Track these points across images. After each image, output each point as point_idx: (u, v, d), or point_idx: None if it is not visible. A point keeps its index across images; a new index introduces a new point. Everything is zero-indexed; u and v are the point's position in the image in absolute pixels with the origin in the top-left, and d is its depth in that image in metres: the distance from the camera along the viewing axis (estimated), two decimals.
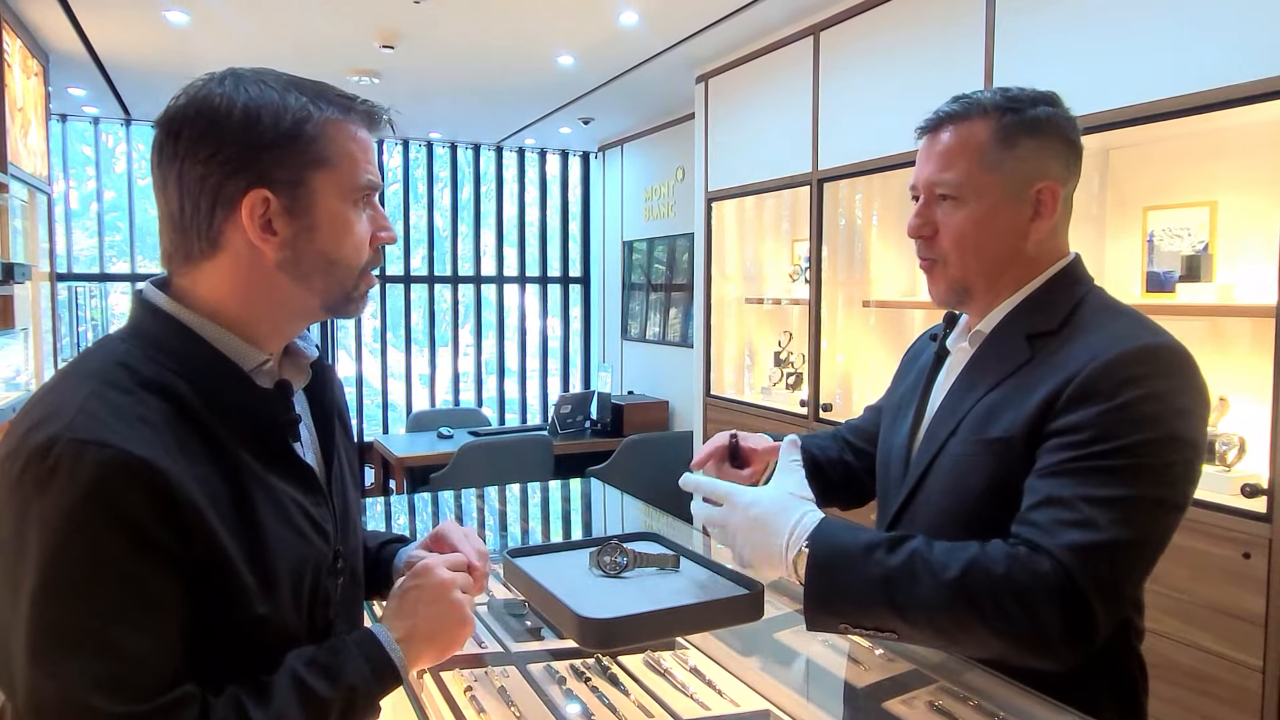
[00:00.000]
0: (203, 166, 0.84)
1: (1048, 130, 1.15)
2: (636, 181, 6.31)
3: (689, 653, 1.52)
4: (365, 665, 0.89)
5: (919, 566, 0.99)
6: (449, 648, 0.97)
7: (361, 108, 0.92)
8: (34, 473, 0.75)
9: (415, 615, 0.95)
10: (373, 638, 0.92)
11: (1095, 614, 0.94)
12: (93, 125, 5.64)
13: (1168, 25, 2.31)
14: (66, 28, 3.79)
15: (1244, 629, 2.05)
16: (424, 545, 1.11)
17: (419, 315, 6.67)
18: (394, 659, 0.91)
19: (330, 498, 0.97)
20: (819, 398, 3.67)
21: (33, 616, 0.74)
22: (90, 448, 0.75)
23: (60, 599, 0.74)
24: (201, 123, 0.85)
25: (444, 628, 0.96)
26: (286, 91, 0.87)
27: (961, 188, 1.15)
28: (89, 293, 5.67)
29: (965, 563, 0.98)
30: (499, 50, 4.23)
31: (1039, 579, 0.95)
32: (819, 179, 3.64)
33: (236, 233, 0.87)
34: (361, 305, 0.96)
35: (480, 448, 4.78)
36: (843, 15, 3.47)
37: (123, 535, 0.75)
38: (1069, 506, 0.98)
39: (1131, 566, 0.99)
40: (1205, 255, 2.41)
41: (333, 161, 0.89)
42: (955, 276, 1.19)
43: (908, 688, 1.27)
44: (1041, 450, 1.05)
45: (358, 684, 0.87)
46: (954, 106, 1.18)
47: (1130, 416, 1.00)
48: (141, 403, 0.81)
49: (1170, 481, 1.00)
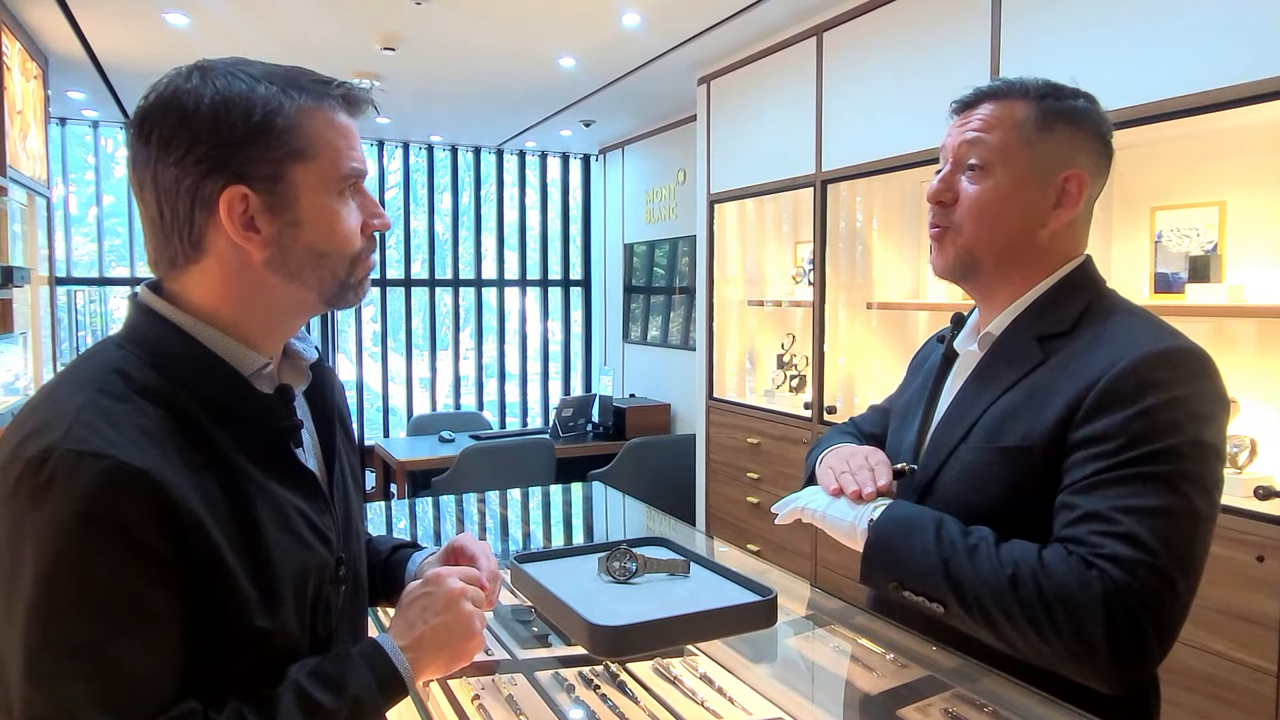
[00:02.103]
0: (176, 168, 0.81)
1: (1085, 123, 1.15)
2: (638, 184, 6.29)
3: (698, 659, 1.50)
4: (370, 676, 0.86)
5: (983, 552, 1.02)
6: (456, 660, 0.94)
7: (338, 91, 0.87)
8: (29, 485, 0.73)
9: (424, 624, 0.92)
10: (378, 648, 0.89)
11: (1146, 635, 0.92)
12: (92, 129, 5.63)
13: (1175, 25, 2.30)
14: (66, 30, 3.77)
15: (1258, 633, 2.03)
16: (441, 557, 1.08)
17: (419, 319, 6.66)
18: (400, 670, 0.88)
19: (332, 503, 0.95)
20: (823, 400, 3.65)
21: (29, 633, 0.72)
22: (87, 459, 0.73)
23: (58, 615, 0.72)
24: (171, 121, 0.81)
25: (452, 639, 0.93)
26: (256, 82, 0.82)
27: (993, 156, 1.13)
28: (88, 297, 5.65)
29: (1021, 560, 0.99)
30: (500, 52, 4.22)
31: (1090, 594, 0.94)
32: (823, 180, 3.62)
33: (219, 234, 0.83)
34: (362, 292, 0.92)
35: (482, 451, 4.77)
36: (846, 16, 3.46)
37: (122, 548, 0.73)
38: (1111, 521, 0.96)
39: (1182, 590, 0.97)
40: (1214, 256, 2.39)
41: (311, 152, 0.84)
42: (966, 246, 1.16)
43: (922, 694, 1.25)
44: (1070, 462, 1.03)
45: (362, 695, 0.85)
46: (997, 84, 1.18)
47: (1157, 423, 0.98)
48: (139, 411, 0.78)
49: (1205, 489, 0.99)
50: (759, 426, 4.04)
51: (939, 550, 1.04)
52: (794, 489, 1.33)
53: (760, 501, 4.01)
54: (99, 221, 5.72)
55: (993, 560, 1.01)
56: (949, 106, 1.22)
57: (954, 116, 1.21)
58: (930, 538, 1.06)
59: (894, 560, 1.09)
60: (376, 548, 1.14)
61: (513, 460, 4.85)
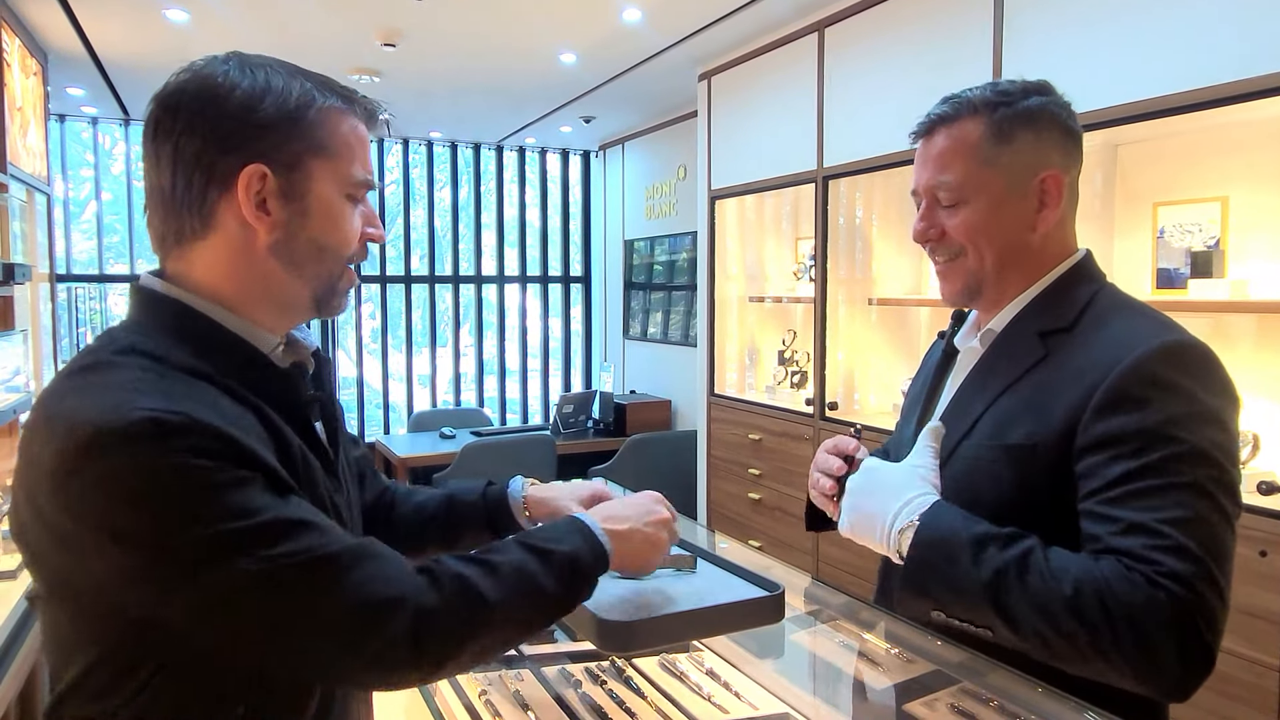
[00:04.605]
0: (200, 141, 0.83)
1: (1042, 120, 1.13)
2: (638, 180, 6.29)
3: (704, 654, 1.50)
4: (581, 540, 0.93)
5: (1033, 570, 0.96)
6: (632, 565, 1.01)
7: (362, 102, 0.93)
8: (101, 454, 0.71)
9: (634, 522, 1.00)
10: (582, 522, 0.96)
11: (1210, 646, 0.92)
12: (91, 125, 5.61)
13: (1177, 20, 2.29)
14: (66, 26, 3.76)
15: (1261, 628, 2.03)
16: (587, 501, 1.17)
17: (419, 315, 6.65)
18: (604, 544, 0.94)
19: (343, 483, 0.97)
20: (825, 396, 3.65)
21: (209, 549, 0.73)
22: (163, 415, 0.73)
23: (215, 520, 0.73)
24: (205, 96, 0.83)
25: (645, 550, 1.00)
26: (291, 77, 0.87)
27: (962, 189, 1.13)
28: (88, 294, 5.64)
29: (1081, 578, 0.94)
30: (501, 48, 4.21)
31: (1159, 615, 0.91)
32: (824, 176, 3.62)
33: (230, 211, 0.85)
34: (344, 302, 0.95)
35: (483, 448, 4.77)
36: (848, 11, 3.45)
37: (214, 462, 0.74)
38: (1159, 535, 0.94)
39: (1227, 594, 0.96)
40: (1217, 251, 2.39)
41: (331, 150, 0.88)
42: (972, 269, 1.16)
43: (929, 689, 1.25)
44: (1087, 465, 1.01)
45: (579, 555, 0.91)
46: (944, 108, 1.16)
47: (1173, 422, 0.97)
48: (184, 382, 0.79)
49: (1231, 490, 0.98)
50: (760, 422, 4.04)
51: (982, 574, 0.98)
52: (795, 485, 1.33)
53: (762, 497, 4.01)
54: (98, 218, 5.71)
55: (1047, 579, 0.95)
56: (909, 135, 1.21)
57: (915, 143, 1.20)
58: (969, 560, 0.99)
59: (933, 588, 1.02)
60: (457, 495, 1.22)
61: (514, 456, 4.85)
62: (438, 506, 1.22)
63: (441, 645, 0.80)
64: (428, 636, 0.78)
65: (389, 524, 1.20)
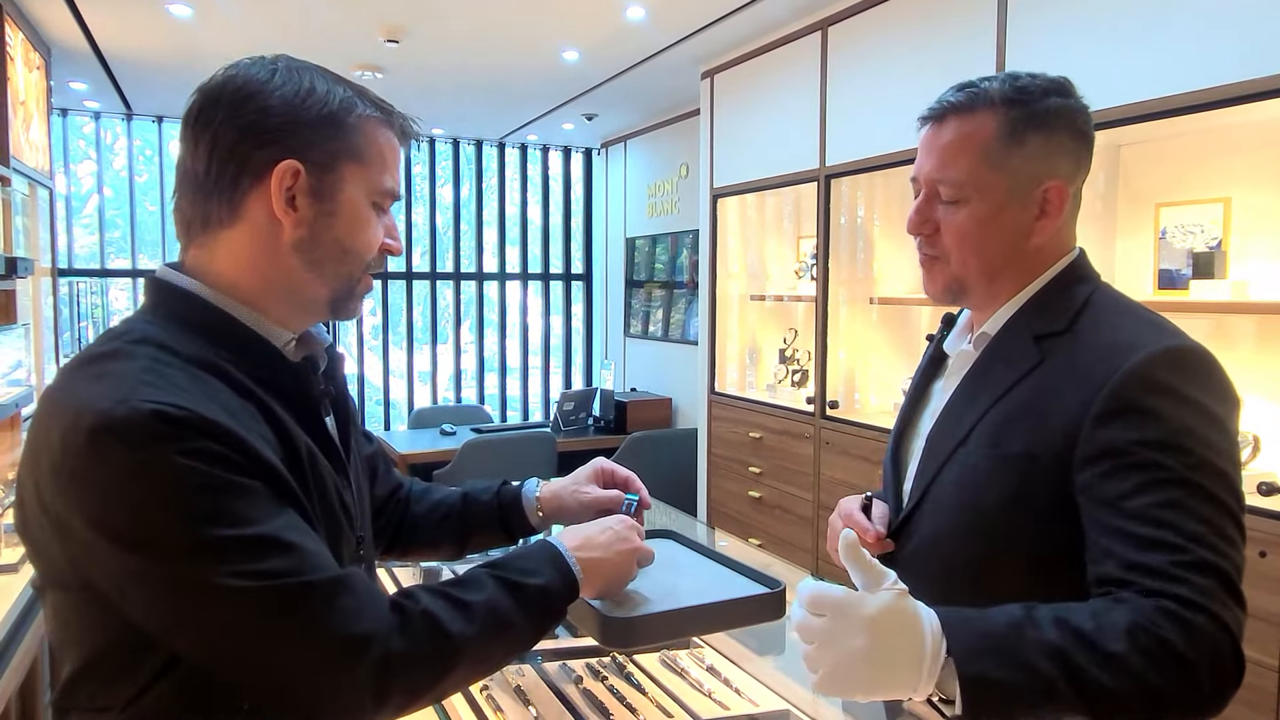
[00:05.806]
0: (239, 132, 0.85)
1: (1057, 124, 1.08)
2: (640, 178, 6.29)
3: (705, 651, 1.51)
4: (554, 571, 0.93)
5: (1075, 638, 0.85)
6: (601, 593, 1.02)
7: (399, 117, 0.95)
8: (102, 443, 0.72)
9: (604, 550, 1.00)
10: (553, 547, 0.97)
11: (1241, 656, 0.90)
12: (94, 120, 5.61)
13: (1181, 21, 2.29)
14: (69, 21, 3.76)
15: (1260, 628, 2.03)
16: (590, 475, 1.21)
17: (420, 312, 6.65)
18: (575, 574, 0.95)
19: (351, 482, 0.97)
20: (825, 395, 3.65)
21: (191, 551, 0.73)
22: (168, 409, 0.74)
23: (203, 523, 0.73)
24: (248, 90, 0.86)
25: (614, 577, 1.02)
26: (335, 84, 0.90)
27: (964, 188, 1.08)
28: (89, 289, 5.64)
29: (1128, 630, 0.86)
30: (504, 45, 4.21)
31: (1200, 639, 0.87)
32: (826, 175, 3.62)
33: (259, 203, 0.86)
34: (359, 306, 0.97)
35: (484, 445, 4.77)
36: (851, 10, 3.45)
37: (215, 463, 0.75)
38: (1182, 550, 0.90)
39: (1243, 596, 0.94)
40: (1218, 252, 2.39)
41: (365, 157, 0.91)
42: (955, 274, 1.13)
43: None
44: (1091, 475, 0.97)
45: (551, 588, 0.92)
46: (959, 96, 1.10)
47: (1179, 430, 0.94)
48: (195, 377, 0.80)
49: (1239, 496, 0.96)
50: (761, 421, 4.05)
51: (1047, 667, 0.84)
52: (795, 484, 1.31)
53: (762, 496, 4.01)
54: (100, 213, 5.71)
55: (1091, 643, 0.85)
56: (916, 120, 1.15)
57: (923, 127, 1.14)
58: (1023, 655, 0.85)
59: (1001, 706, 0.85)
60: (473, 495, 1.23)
61: (514, 453, 4.85)
62: (452, 506, 1.22)
63: (404, 692, 0.80)
64: (392, 681, 0.78)
65: (404, 521, 1.21)
